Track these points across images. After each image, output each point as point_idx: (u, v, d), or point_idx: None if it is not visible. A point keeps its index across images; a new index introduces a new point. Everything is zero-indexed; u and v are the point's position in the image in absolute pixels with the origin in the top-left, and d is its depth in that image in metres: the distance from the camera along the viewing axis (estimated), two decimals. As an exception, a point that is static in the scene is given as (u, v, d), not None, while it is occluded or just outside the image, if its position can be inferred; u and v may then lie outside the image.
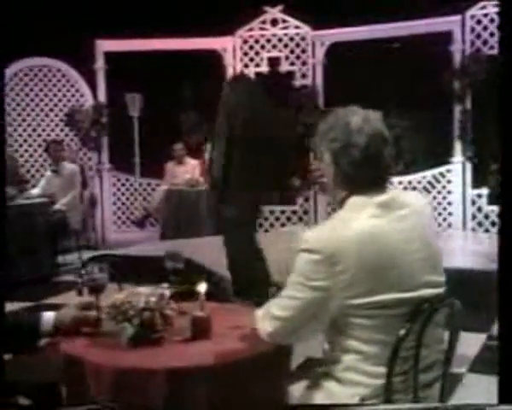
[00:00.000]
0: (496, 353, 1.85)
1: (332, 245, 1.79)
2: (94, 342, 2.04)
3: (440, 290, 1.88)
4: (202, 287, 2.03)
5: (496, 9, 7.25)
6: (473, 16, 7.72)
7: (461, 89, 7.69)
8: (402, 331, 1.78)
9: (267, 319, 1.91)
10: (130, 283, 2.57)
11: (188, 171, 8.55)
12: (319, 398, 1.91)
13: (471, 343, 4.21)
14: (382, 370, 1.79)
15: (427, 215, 1.96)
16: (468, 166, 7.75)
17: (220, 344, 1.99)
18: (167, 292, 2.04)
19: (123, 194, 9.02)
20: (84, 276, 2.68)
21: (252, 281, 4.81)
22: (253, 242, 5.05)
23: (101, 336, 2.08)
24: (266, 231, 8.69)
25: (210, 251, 5.76)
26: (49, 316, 2.09)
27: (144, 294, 1.98)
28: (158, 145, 8.60)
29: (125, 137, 8.88)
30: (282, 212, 8.75)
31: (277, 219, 8.79)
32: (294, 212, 8.71)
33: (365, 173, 1.88)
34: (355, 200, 1.88)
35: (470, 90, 7.68)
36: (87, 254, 7.32)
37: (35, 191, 7.26)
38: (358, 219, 1.83)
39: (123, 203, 9.03)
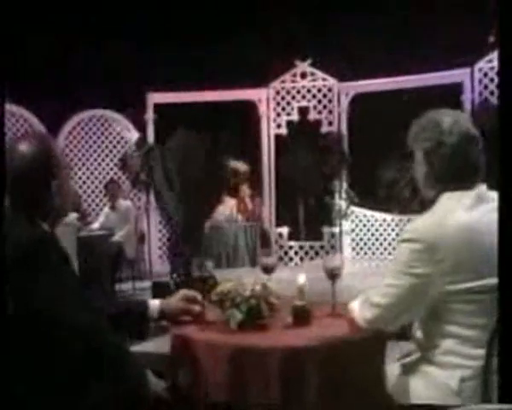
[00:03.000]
0: None
1: (432, 235, 1.75)
2: (203, 328, 1.97)
3: None
4: (302, 278, 1.97)
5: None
6: (480, 69, 7.73)
7: (471, 133, 7.66)
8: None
9: (366, 306, 1.85)
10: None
11: (227, 208, 8.55)
12: (416, 381, 1.82)
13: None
14: (481, 352, 1.71)
15: None
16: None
17: (319, 330, 1.92)
18: (270, 283, 1.98)
19: (167, 230, 8.99)
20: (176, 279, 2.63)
21: None
22: None
23: (206, 324, 2.01)
24: (296, 264, 8.64)
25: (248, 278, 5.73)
26: (154, 303, 2.05)
27: (249, 283, 1.92)
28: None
29: (169, 180, 8.92)
30: (311, 247, 8.67)
31: (306, 253, 8.71)
32: (322, 247, 8.61)
33: (455, 171, 1.84)
34: (447, 196, 1.84)
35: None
36: (139, 284, 7.34)
37: (95, 225, 7.30)
38: (455, 211, 1.79)
39: (168, 239, 8.99)
